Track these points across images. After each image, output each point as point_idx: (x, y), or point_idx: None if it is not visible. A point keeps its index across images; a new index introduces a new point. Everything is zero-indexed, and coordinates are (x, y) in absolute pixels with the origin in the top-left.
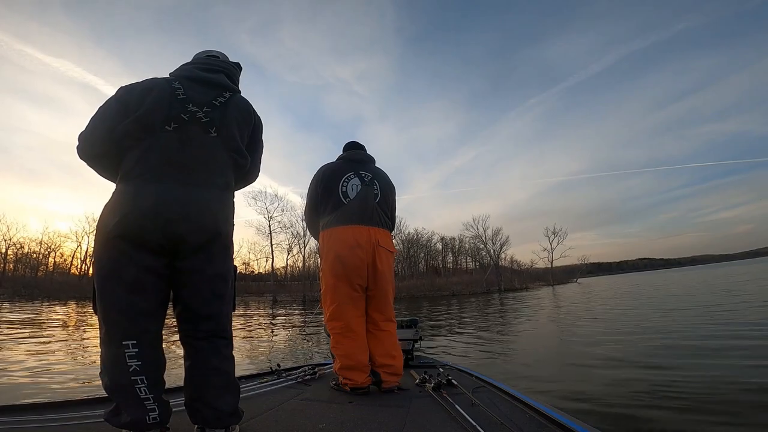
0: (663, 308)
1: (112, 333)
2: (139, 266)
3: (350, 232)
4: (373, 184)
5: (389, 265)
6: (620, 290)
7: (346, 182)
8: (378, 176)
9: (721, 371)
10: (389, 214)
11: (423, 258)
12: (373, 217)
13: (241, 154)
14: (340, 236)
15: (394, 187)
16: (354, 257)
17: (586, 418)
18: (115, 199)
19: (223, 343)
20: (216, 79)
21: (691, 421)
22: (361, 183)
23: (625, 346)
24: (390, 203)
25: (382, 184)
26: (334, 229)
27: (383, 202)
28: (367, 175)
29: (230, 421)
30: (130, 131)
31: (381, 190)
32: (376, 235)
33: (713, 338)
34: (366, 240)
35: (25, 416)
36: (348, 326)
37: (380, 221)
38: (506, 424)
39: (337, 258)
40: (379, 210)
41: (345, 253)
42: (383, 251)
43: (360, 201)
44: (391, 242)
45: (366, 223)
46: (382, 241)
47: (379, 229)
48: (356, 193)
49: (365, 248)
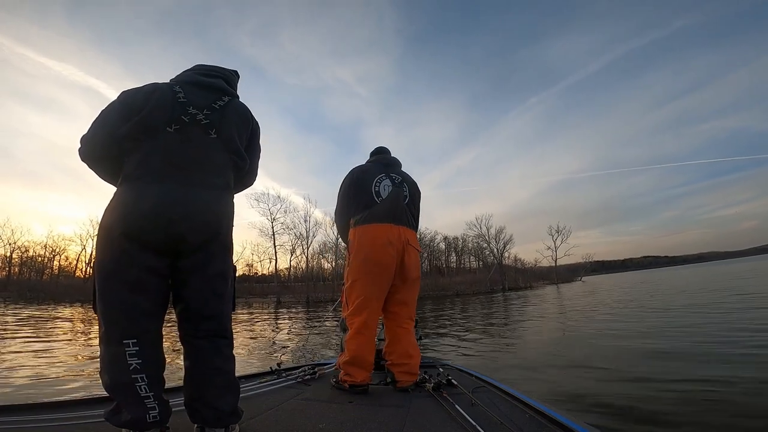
0: (667, 307)
1: (112, 332)
2: (141, 266)
3: (383, 230)
4: (402, 186)
5: (417, 263)
6: (625, 288)
7: (379, 183)
8: (406, 179)
9: (724, 372)
10: (416, 216)
11: (426, 258)
12: (403, 217)
13: (240, 155)
14: (373, 234)
15: (420, 191)
16: (385, 255)
17: (586, 418)
18: (117, 200)
19: (224, 342)
20: (215, 83)
21: (692, 422)
22: (392, 184)
23: (627, 346)
24: (417, 205)
25: (410, 186)
26: (366, 226)
27: (411, 204)
28: (397, 177)
29: (230, 420)
30: (132, 134)
31: (410, 192)
32: (406, 234)
33: (715, 338)
34: (397, 238)
35: (24, 416)
36: (366, 323)
37: (408, 221)
38: (506, 424)
39: (368, 254)
40: (408, 211)
41: (377, 250)
42: (412, 249)
43: (391, 201)
44: (417, 242)
45: (396, 222)
46: (411, 240)
47: (408, 229)
48: (388, 193)
49: (396, 246)
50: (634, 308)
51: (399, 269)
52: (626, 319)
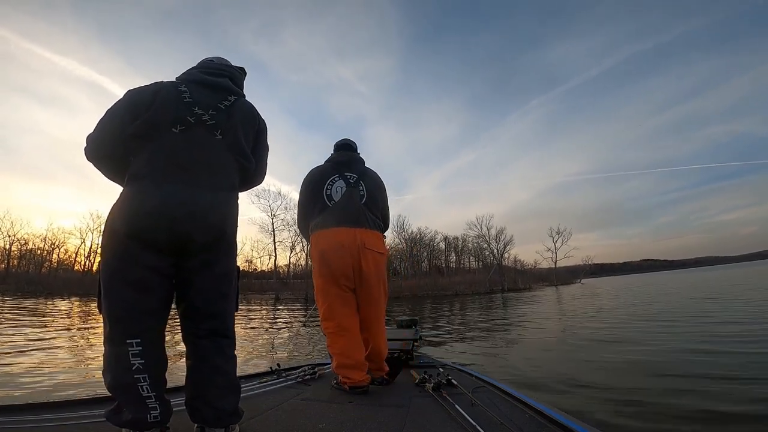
0: (667, 310)
1: (116, 331)
2: (146, 266)
3: (334, 234)
4: (358, 185)
5: (377, 266)
6: (624, 291)
7: (331, 185)
8: (365, 176)
9: (725, 372)
10: (379, 214)
11: (426, 257)
12: (359, 218)
13: (246, 156)
14: (325, 238)
15: (384, 186)
16: (338, 258)
17: (586, 418)
18: (123, 199)
19: (226, 342)
20: (221, 83)
21: (692, 422)
22: (346, 185)
23: (627, 347)
24: (379, 203)
25: (368, 184)
26: (320, 231)
27: (371, 203)
28: (353, 176)
29: (230, 420)
30: (137, 133)
31: (367, 190)
32: (362, 236)
33: (714, 341)
34: (350, 241)
35: (24, 416)
36: (340, 325)
37: (368, 222)
38: (506, 424)
39: (323, 260)
40: (366, 211)
41: (330, 255)
42: (370, 253)
43: (345, 203)
44: (380, 243)
45: (351, 224)
46: (369, 242)
47: (367, 230)
48: (341, 195)
49: (349, 249)
50: (636, 313)
51: (357, 273)
52: (629, 320)
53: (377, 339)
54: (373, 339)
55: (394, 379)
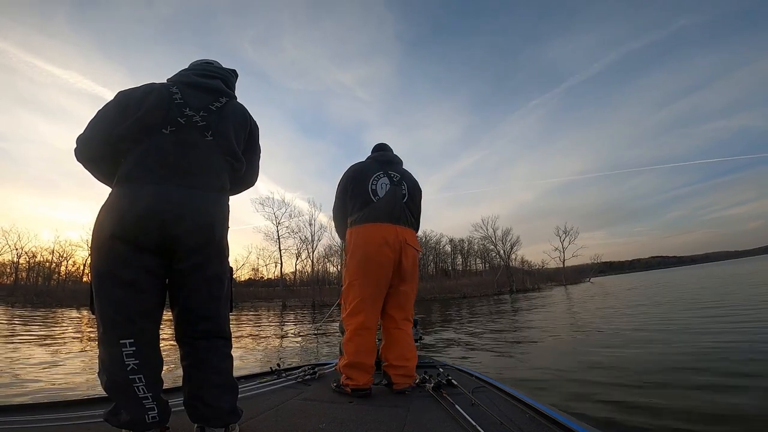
0: (676, 309)
1: (109, 332)
2: (136, 266)
3: (379, 230)
4: (401, 184)
5: (414, 263)
6: (635, 289)
7: (376, 181)
8: (406, 177)
9: (727, 372)
10: (415, 215)
11: (432, 260)
12: (401, 216)
13: (237, 157)
14: (369, 233)
15: (421, 189)
16: (381, 255)
17: (586, 419)
18: (112, 200)
19: (221, 342)
20: (212, 84)
21: (692, 421)
22: (390, 182)
23: (630, 348)
24: (417, 204)
25: (409, 184)
26: (362, 226)
27: (410, 202)
28: (396, 176)
29: (230, 419)
30: (128, 134)
31: (408, 190)
32: (403, 233)
33: (723, 341)
34: (394, 238)
35: (24, 416)
36: (364, 324)
37: (407, 220)
38: (506, 424)
39: (364, 255)
40: (406, 210)
41: (373, 251)
42: (410, 249)
43: (388, 200)
44: (416, 241)
45: (394, 221)
46: (410, 239)
47: (406, 228)
48: (385, 192)
49: (393, 246)
50: (646, 309)
51: (396, 269)
52: (637, 320)
53: (407, 339)
54: (402, 338)
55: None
